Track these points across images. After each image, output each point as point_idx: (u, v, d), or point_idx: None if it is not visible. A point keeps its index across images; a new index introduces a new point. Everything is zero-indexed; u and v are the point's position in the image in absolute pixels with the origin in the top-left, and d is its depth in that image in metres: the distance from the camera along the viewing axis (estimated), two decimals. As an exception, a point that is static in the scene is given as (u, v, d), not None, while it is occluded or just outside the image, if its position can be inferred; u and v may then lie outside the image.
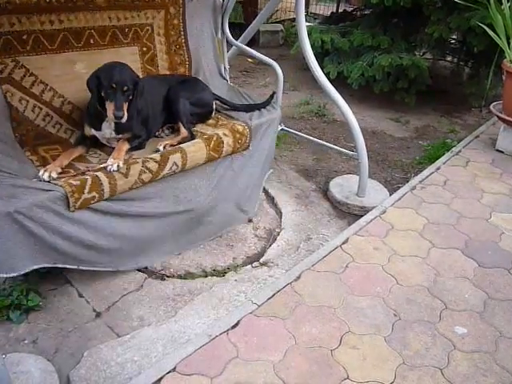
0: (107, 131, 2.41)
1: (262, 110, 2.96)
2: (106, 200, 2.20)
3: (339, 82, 4.48)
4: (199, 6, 3.07)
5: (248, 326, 2.10)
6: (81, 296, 2.30)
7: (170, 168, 2.38)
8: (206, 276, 2.50)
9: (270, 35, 6.99)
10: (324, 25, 5.57)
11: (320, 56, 4.69)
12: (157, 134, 2.68)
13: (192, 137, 2.60)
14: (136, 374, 1.92)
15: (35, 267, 2.05)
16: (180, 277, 2.49)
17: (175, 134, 2.66)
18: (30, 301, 2.16)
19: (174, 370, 1.87)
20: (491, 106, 4.02)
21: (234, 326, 2.09)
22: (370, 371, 1.93)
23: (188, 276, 2.49)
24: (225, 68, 3.36)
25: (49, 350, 2.02)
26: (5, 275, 1.99)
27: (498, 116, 3.91)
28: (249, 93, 3.21)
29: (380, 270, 2.49)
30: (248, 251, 2.71)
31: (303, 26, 3.01)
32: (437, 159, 3.74)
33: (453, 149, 3.93)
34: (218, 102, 2.95)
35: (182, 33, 3.04)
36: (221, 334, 2.05)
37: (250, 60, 5.99)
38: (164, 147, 2.47)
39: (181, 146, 2.47)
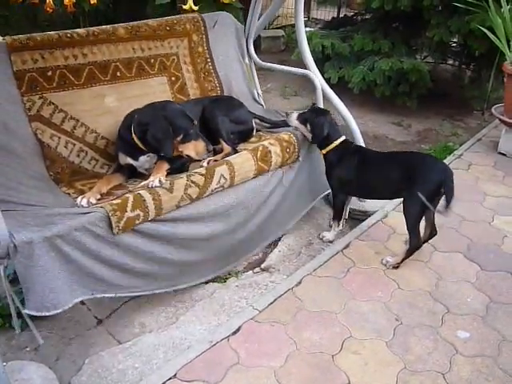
0: (146, 165, 2.35)
1: None
2: (152, 221, 2.06)
3: (340, 86, 4.48)
4: (221, 32, 3.08)
5: (249, 331, 2.10)
6: (82, 303, 2.30)
7: (218, 181, 2.25)
8: (207, 282, 2.49)
9: (271, 41, 7.01)
10: (325, 30, 5.59)
11: (321, 61, 4.69)
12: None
13: (235, 152, 2.48)
14: (137, 381, 1.92)
15: (75, 301, 1.90)
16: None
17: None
18: (31, 308, 2.16)
19: (174, 376, 1.88)
20: (493, 109, 4.01)
21: (235, 332, 2.09)
22: (371, 376, 1.92)
23: (189, 282, 2.49)
24: (258, 93, 3.30)
25: (50, 357, 2.03)
26: (48, 314, 1.83)
27: (499, 119, 3.91)
28: (288, 111, 3.14)
29: (381, 275, 2.48)
30: (249, 257, 2.70)
31: (302, 32, 3.03)
32: (439, 163, 3.73)
33: (455, 152, 3.92)
34: (257, 120, 2.86)
35: (209, 60, 3.04)
36: (222, 340, 2.05)
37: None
38: (208, 163, 2.37)
39: (226, 158, 2.37)
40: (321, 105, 3.04)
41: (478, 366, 1.99)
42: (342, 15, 6.89)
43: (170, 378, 1.87)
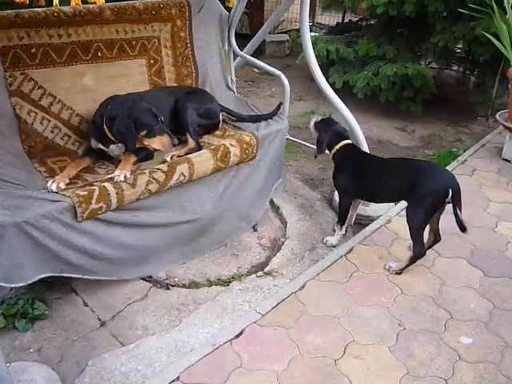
0: (116, 151, 2.44)
1: (269, 120, 2.96)
2: (113, 210, 2.21)
3: (345, 91, 4.50)
4: (206, 18, 3.10)
5: (252, 335, 2.10)
6: (86, 305, 2.32)
7: (178, 178, 2.38)
8: (211, 285, 2.51)
9: (275, 45, 7.03)
10: (329, 35, 5.59)
11: (325, 66, 4.70)
12: None
13: (199, 148, 2.60)
14: (140, 384, 1.92)
15: (41, 276, 2.06)
16: (184, 286, 2.49)
17: (182, 145, 2.64)
18: (35, 309, 2.18)
19: (177, 379, 1.88)
20: (497, 115, 4.01)
21: (237, 336, 2.09)
22: (374, 381, 1.92)
23: (192, 285, 2.50)
24: (231, 80, 3.37)
25: (53, 358, 2.04)
26: (14, 285, 2.00)
27: (503, 125, 3.90)
28: (256, 104, 3.22)
29: (385, 280, 2.48)
30: (252, 260, 2.71)
31: (307, 36, 3.03)
32: (442, 168, 3.73)
33: (459, 158, 3.92)
34: (224, 113, 2.95)
35: (189, 45, 3.07)
36: (224, 343, 2.05)
37: (256, 70, 6.02)
38: (171, 158, 2.48)
39: (188, 156, 2.48)
40: (287, 105, 3.13)
41: (480, 372, 1.98)
42: (346, 20, 6.88)
43: (173, 381, 1.87)
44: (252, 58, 3.37)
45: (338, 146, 2.67)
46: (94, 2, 2.64)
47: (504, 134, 4.09)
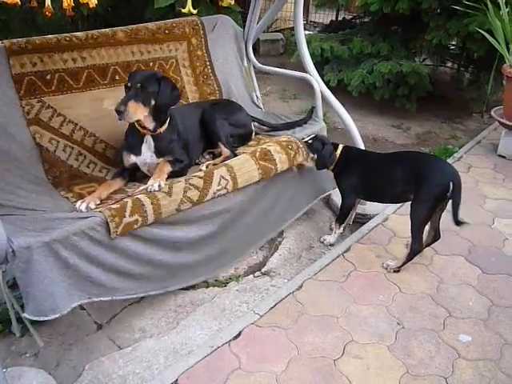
0: (147, 154, 2.31)
1: (304, 125, 2.93)
2: (151, 225, 2.05)
3: (340, 89, 4.48)
4: (220, 36, 3.10)
5: (250, 336, 2.09)
6: (82, 308, 2.29)
7: (219, 183, 2.23)
8: (208, 286, 2.49)
9: (270, 44, 7.02)
10: (323, 33, 5.59)
11: (320, 64, 4.69)
12: (197, 161, 2.60)
13: (235, 156, 2.50)
14: (138, 387, 1.91)
15: (73, 306, 1.87)
16: (182, 287, 2.47)
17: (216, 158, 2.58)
18: (31, 314, 2.15)
19: (175, 382, 1.87)
20: (492, 111, 4.01)
21: (236, 337, 2.08)
22: (373, 381, 1.91)
23: (190, 286, 2.48)
24: (257, 96, 3.32)
25: (50, 363, 2.02)
26: (46, 318, 1.80)
27: (499, 121, 3.91)
28: (287, 114, 3.16)
29: (383, 278, 2.47)
30: (250, 261, 2.70)
31: (302, 34, 3.03)
32: (438, 165, 3.72)
33: (454, 155, 3.92)
34: (256, 124, 2.88)
35: (208, 63, 3.05)
36: (223, 345, 2.04)
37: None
38: (206, 167, 2.39)
39: (224, 162, 2.38)
40: (320, 107, 3.05)
41: (480, 370, 1.98)
42: (340, 18, 6.89)
43: (171, 384, 1.86)
44: (277, 69, 3.32)
45: (338, 152, 2.64)
46: (87, 3, 2.62)
47: (499, 130, 4.10)
